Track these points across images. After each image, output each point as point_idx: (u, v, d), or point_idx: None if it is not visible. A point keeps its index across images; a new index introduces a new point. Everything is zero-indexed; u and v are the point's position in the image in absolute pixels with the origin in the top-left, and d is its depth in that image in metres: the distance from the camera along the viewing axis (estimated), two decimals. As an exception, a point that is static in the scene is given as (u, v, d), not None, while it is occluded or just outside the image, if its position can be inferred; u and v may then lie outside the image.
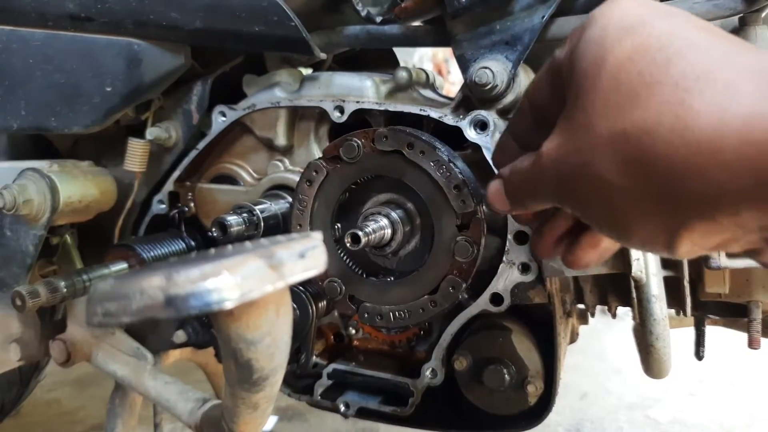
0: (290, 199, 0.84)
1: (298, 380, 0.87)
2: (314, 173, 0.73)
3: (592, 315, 0.90)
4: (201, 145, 0.87)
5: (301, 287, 0.78)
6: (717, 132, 0.32)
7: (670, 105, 0.34)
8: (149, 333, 0.84)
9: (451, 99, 0.77)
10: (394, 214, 0.70)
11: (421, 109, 0.73)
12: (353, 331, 0.87)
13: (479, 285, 0.73)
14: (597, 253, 0.53)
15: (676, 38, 0.36)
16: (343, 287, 0.75)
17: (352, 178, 0.72)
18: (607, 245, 0.52)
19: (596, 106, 0.38)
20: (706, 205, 0.34)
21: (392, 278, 0.75)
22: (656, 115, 0.35)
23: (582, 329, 0.99)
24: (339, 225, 0.75)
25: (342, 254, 0.75)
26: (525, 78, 0.73)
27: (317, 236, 0.33)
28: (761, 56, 0.33)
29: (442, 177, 0.66)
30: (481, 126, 0.70)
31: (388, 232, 0.69)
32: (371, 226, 0.67)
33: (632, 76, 0.36)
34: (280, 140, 0.85)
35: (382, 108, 0.75)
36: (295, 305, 0.76)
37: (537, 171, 0.45)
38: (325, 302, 0.79)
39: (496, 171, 0.55)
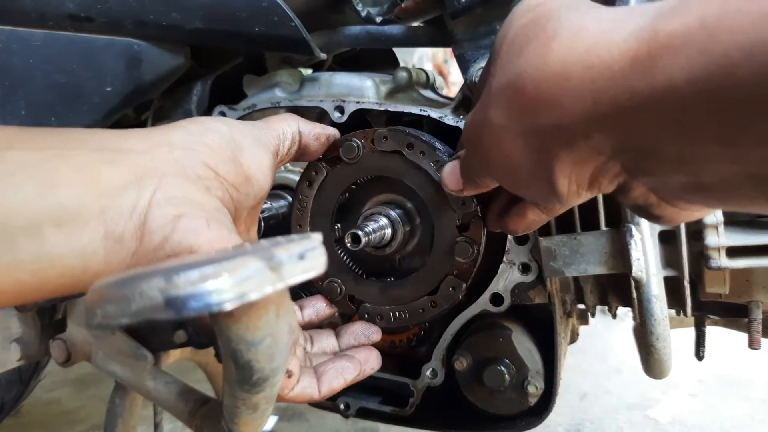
0: (291, 199, 0.84)
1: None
2: (314, 173, 0.73)
3: (593, 315, 0.90)
4: (201, 145, 0.86)
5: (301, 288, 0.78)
6: (565, 63, 0.37)
7: (539, 50, 0.40)
8: (149, 333, 0.84)
9: (451, 99, 0.77)
10: (394, 214, 0.70)
11: (421, 110, 0.73)
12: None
13: (479, 285, 0.73)
14: (524, 223, 0.60)
15: (561, 8, 0.41)
16: (343, 287, 0.75)
17: (352, 179, 0.72)
18: (533, 217, 0.59)
19: (496, 70, 0.44)
20: (565, 131, 0.39)
21: (392, 278, 0.75)
22: (528, 60, 0.40)
23: (582, 329, 0.99)
24: (339, 225, 0.75)
25: (342, 254, 0.75)
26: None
27: (317, 237, 0.33)
28: (616, 9, 0.38)
29: None
30: (481, 126, 0.70)
31: (389, 232, 0.69)
32: (371, 226, 0.67)
33: (521, 39, 0.42)
34: (280, 140, 0.85)
35: (382, 108, 0.75)
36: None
37: (464, 143, 0.52)
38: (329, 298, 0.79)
39: None
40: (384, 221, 0.69)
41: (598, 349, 2.20)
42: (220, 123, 0.57)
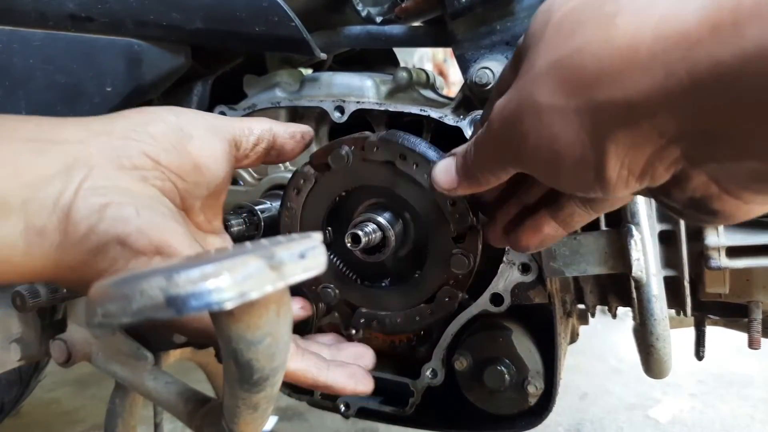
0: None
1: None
2: (302, 181, 0.72)
3: (593, 315, 0.90)
4: (201, 145, 0.86)
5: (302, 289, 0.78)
6: (634, 37, 0.35)
7: (599, 27, 0.37)
8: (149, 333, 0.84)
9: (451, 99, 0.77)
10: (388, 219, 0.69)
11: (421, 110, 0.73)
12: (353, 331, 0.87)
13: (479, 285, 0.73)
14: (538, 238, 0.56)
15: None
16: (338, 292, 0.74)
17: (341, 188, 0.71)
18: (549, 231, 0.55)
19: (539, 53, 0.42)
20: (627, 108, 0.36)
21: (387, 283, 0.74)
22: (587, 38, 0.37)
23: (582, 329, 0.99)
24: (330, 229, 0.74)
25: (335, 259, 0.74)
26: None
27: (317, 237, 0.33)
28: None
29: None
30: (482, 126, 0.70)
31: (389, 234, 0.68)
32: (369, 226, 0.67)
33: (572, 21, 0.40)
34: (281, 140, 0.85)
35: (382, 108, 0.75)
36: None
37: (487, 130, 0.48)
38: (324, 303, 0.79)
39: None
40: (381, 221, 0.68)
41: (598, 349, 2.21)
42: (168, 112, 0.56)
